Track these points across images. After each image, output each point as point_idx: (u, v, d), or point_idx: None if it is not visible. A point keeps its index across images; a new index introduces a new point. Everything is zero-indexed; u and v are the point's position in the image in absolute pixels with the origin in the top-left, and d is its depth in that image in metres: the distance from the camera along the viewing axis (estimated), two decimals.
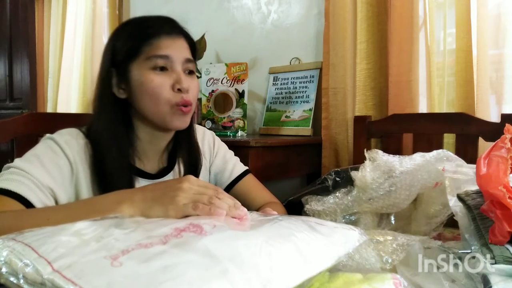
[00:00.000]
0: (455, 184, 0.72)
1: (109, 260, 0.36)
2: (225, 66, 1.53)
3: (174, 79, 0.76)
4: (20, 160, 0.70)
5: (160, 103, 0.75)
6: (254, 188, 0.94)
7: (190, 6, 2.05)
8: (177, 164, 0.88)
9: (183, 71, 0.78)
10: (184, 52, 0.79)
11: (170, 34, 0.78)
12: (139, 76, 0.75)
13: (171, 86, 0.76)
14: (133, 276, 0.34)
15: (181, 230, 0.43)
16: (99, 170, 0.75)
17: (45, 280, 0.34)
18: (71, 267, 0.35)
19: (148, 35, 0.76)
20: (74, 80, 2.52)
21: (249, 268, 0.37)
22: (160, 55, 0.75)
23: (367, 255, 0.53)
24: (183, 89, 0.76)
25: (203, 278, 0.34)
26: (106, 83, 0.78)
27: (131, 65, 0.76)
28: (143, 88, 0.75)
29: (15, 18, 2.78)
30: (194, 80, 0.81)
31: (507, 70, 1.19)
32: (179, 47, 0.78)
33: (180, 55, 0.77)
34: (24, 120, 1.18)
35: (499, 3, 1.20)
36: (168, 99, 0.75)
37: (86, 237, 0.41)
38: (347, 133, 1.43)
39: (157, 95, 0.75)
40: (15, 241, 0.40)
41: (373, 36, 1.37)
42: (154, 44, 0.76)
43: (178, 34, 0.80)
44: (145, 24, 0.78)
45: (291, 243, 0.43)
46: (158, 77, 0.75)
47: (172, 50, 0.76)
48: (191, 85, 0.79)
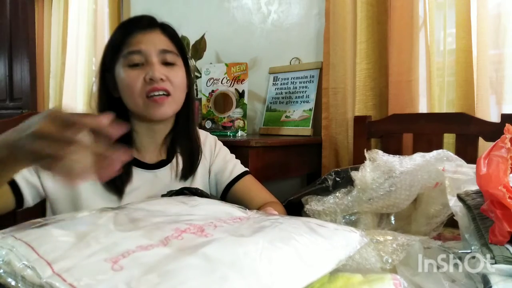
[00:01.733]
0: (455, 184, 0.71)
1: (110, 264, 0.35)
2: (225, 66, 1.53)
3: (146, 71, 0.79)
4: None
5: (135, 96, 0.78)
6: (253, 188, 0.94)
7: (190, 6, 2.05)
8: (175, 158, 0.89)
9: (160, 62, 0.80)
10: (159, 44, 0.81)
11: (143, 29, 0.81)
12: (119, 74, 0.80)
13: (144, 78, 0.78)
14: (133, 281, 0.33)
15: (181, 231, 0.43)
16: None
17: (43, 283, 0.34)
18: (71, 270, 0.35)
19: (125, 34, 0.81)
20: (79, 80, 2.52)
21: (249, 273, 0.37)
22: (132, 51, 0.79)
23: (367, 255, 0.53)
24: (155, 78, 0.77)
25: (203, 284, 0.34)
26: (101, 85, 0.83)
27: (115, 65, 0.81)
28: (122, 84, 0.80)
29: (15, 18, 2.78)
30: (173, 70, 0.82)
31: (507, 70, 1.19)
32: (153, 40, 0.81)
33: (153, 48, 0.80)
34: (24, 120, 1.18)
35: (499, 3, 1.20)
36: (141, 91, 0.78)
37: (87, 237, 0.40)
38: (347, 133, 1.43)
39: (131, 89, 0.78)
40: (14, 238, 0.40)
41: (373, 36, 1.37)
42: (129, 42, 0.80)
43: (153, 28, 0.83)
44: (124, 25, 0.84)
45: (292, 247, 0.42)
46: (133, 72, 0.79)
47: (144, 45, 0.79)
48: (171, 75, 0.80)
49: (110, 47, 0.83)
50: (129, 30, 0.81)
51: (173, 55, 0.82)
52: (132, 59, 0.79)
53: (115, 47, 0.81)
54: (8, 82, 2.86)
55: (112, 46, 0.82)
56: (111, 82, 0.82)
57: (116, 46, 0.81)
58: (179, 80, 0.82)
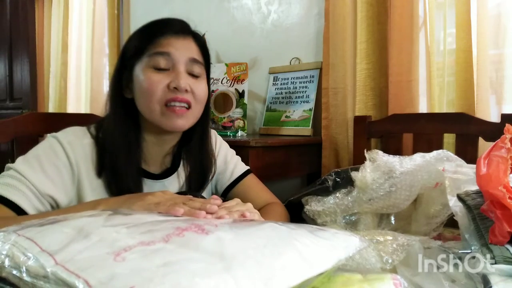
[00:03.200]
0: (455, 184, 0.72)
1: (112, 256, 0.36)
2: (225, 66, 1.53)
3: (171, 78, 0.73)
4: (22, 162, 0.69)
5: (152, 101, 0.72)
6: (254, 189, 0.94)
7: (190, 6, 2.05)
8: (182, 166, 0.86)
9: (186, 71, 0.75)
10: (189, 51, 0.76)
11: (176, 33, 0.75)
12: (140, 74, 0.74)
13: (167, 85, 0.73)
14: (137, 269, 0.34)
15: (183, 229, 0.43)
16: (105, 169, 0.74)
17: (48, 272, 0.34)
18: (74, 260, 0.35)
19: (153, 33, 0.75)
20: (83, 80, 2.52)
21: (251, 265, 0.37)
22: (160, 52, 0.73)
23: (368, 255, 0.53)
24: (180, 88, 0.72)
25: (206, 272, 0.34)
26: (116, 83, 0.77)
27: (136, 64, 0.75)
28: (140, 86, 0.74)
29: (15, 18, 2.79)
30: (199, 83, 0.77)
31: (507, 70, 1.19)
32: (184, 46, 0.76)
33: (183, 54, 0.74)
34: (24, 120, 1.18)
35: (499, 3, 1.20)
36: (161, 97, 0.73)
37: (89, 234, 0.41)
38: (347, 133, 1.43)
39: (150, 93, 0.72)
40: (17, 234, 0.40)
41: (373, 36, 1.37)
42: (158, 42, 0.74)
43: (186, 34, 0.77)
44: (153, 24, 0.77)
45: (292, 245, 0.43)
46: (156, 75, 0.73)
47: (174, 48, 0.74)
48: (194, 87, 0.75)
49: (134, 43, 0.76)
50: (160, 31, 0.75)
51: (201, 66, 0.78)
52: (158, 61, 0.73)
53: (141, 45, 0.75)
54: (8, 82, 2.86)
55: (137, 43, 0.75)
56: (126, 82, 0.77)
57: (141, 44, 0.75)
58: (202, 93, 0.78)
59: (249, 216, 0.61)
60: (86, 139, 0.75)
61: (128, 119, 0.77)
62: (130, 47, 0.77)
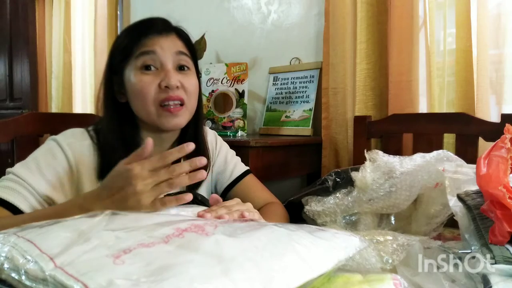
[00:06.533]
0: (455, 184, 0.72)
1: (111, 259, 0.36)
2: (225, 66, 1.53)
3: (161, 77, 0.74)
4: (20, 165, 0.70)
5: (147, 103, 0.74)
6: (254, 189, 0.94)
7: (190, 6, 2.05)
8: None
9: (175, 67, 0.77)
10: (174, 47, 0.77)
11: (159, 31, 0.77)
12: (130, 77, 0.75)
13: (159, 84, 0.74)
14: (136, 273, 0.34)
15: (183, 230, 0.43)
16: (106, 171, 0.74)
17: (47, 276, 0.34)
18: (74, 263, 0.35)
19: (138, 35, 0.76)
20: (88, 81, 2.53)
21: (250, 268, 0.37)
22: (146, 51, 0.74)
23: (368, 255, 0.53)
24: (171, 86, 0.73)
25: (205, 276, 0.34)
26: (108, 89, 0.79)
27: (125, 68, 0.76)
28: (133, 89, 0.75)
29: (15, 18, 2.79)
30: (188, 76, 0.78)
31: (507, 70, 1.19)
32: (168, 43, 0.77)
33: (168, 49, 0.76)
34: (24, 120, 1.18)
35: (499, 3, 1.20)
36: (154, 98, 0.74)
37: (88, 235, 0.41)
38: (347, 133, 1.43)
39: (143, 95, 0.74)
40: (17, 236, 0.40)
41: (373, 36, 1.37)
42: (143, 43, 0.75)
43: (169, 31, 0.79)
44: (136, 26, 0.79)
45: (292, 246, 0.43)
46: (146, 76, 0.74)
47: (159, 46, 0.75)
48: (184, 82, 0.76)
49: (119, 48, 0.78)
50: (143, 32, 0.76)
51: (188, 58, 0.79)
52: (145, 61, 0.74)
53: (126, 49, 0.76)
54: (8, 82, 2.86)
55: (123, 47, 0.77)
56: (117, 86, 0.78)
57: (127, 47, 0.76)
58: (193, 87, 0.79)
59: (248, 216, 0.61)
60: (86, 140, 0.76)
61: (125, 123, 0.78)
62: (116, 51, 0.78)
